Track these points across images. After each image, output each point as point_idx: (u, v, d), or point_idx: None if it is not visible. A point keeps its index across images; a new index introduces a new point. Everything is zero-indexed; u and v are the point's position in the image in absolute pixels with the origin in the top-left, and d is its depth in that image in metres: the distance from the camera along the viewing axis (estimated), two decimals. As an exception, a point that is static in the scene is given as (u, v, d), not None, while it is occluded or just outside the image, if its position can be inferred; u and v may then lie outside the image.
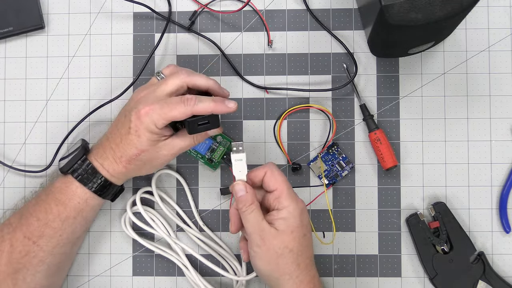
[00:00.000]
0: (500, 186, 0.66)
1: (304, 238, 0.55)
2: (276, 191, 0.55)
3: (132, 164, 0.57)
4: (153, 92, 0.55)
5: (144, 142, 0.55)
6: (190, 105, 0.53)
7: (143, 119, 0.54)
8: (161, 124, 0.54)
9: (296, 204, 0.55)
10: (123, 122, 0.56)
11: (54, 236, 0.57)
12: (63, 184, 0.58)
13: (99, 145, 0.59)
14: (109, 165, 0.57)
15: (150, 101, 0.54)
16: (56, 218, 0.57)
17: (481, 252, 0.64)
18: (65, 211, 0.57)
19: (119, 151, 0.56)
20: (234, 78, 0.67)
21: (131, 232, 0.64)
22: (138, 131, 0.54)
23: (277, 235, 0.54)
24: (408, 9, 0.52)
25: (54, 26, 0.68)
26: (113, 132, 0.57)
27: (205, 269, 0.66)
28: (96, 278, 0.67)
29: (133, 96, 0.58)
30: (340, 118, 0.66)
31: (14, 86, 0.68)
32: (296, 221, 0.54)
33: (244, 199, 0.55)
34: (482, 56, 0.66)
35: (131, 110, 0.55)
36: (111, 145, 0.57)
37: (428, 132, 0.66)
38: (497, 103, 0.66)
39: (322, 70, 0.67)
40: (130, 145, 0.55)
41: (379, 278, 0.65)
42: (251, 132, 0.67)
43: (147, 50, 0.68)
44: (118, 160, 0.57)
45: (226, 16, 0.67)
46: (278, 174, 0.56)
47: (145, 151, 0.55)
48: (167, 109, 0.53)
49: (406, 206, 0.66)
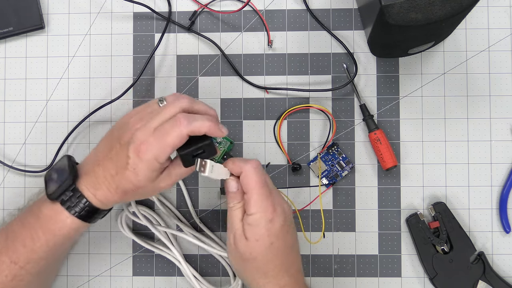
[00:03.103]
0: (500, 186, 0.66)
1: (271, 247, 0.52)
2: (246, 195, 0.53)
3: (128, 196, 0.53)
4: (149, 122, 0.51)
5: (142, 180, 0.51)
6: (183, 125, 0.49)
7: (142, 156, 0.49)
8: (163, 158, 0.50)
9: (263, 213, 0.52)
10: (119, 152, 0.51)
11: (41, 261, 0.54)
12: (52, 212, 0.53)
13: (90, 171, 0.53)
14: (102, 195, 0.52)
15: (147, 133, 0.50)
16: (44, 246, 0.53)
17: (481, 252, 0.64)
18: (54, 239, 0.53)
19: (114, 183, 0.51)
20: (234, 78, 0.67)
21: (127, 231, 0.64)
22: (136, 169, 0.50)
23: (244, 240, 0.52)
24: (408, 9, 0.52)
25: (54, 26, 0.68)
26: (106, 161, 0.52)
27: (204, 270, 0.66)
28: (96, 278, 0.67)
29: (128, 121, 0.52)
30: (340, 118, 0.66)
31: (14, 86, 0.68)
32: (261, 230, 0.52)
33: (233, 196, 0.54)
34: (482, 56, 0.66)
35: (127, 143, 0.50)
36: (105, 174, 0.52)
37: (428, 132, 0.66)
38: (497, 103, 0.66)
39: (322, 70, 0.67)
40: (127, 181, 0.51)
41: (379, 278, 0.65)
42: (251, 132, 0.67)
43: (147, 50, 0.68)
44: (114, 191, 0.52)
45: (226, 16, 0.67)
46: (251, 178, 0.52)
47: (142, 188, 0.51)
48: (162, 139, 0.49)
49: (406, 206, 0.66)
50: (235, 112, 0.67)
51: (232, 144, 0.66)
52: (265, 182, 0.53)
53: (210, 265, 0.66)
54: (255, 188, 0.52)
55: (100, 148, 0.54)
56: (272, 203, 0.52)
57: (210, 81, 0.67)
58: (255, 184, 0.52)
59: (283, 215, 0.53)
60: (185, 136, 0.50)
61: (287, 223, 0.53)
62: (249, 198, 0.52)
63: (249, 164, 0.53)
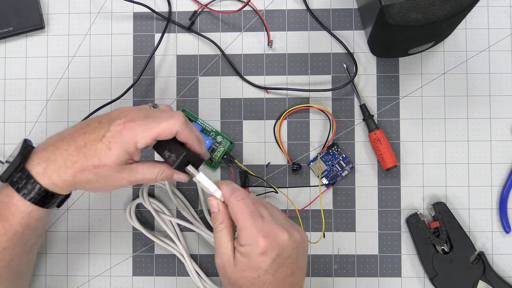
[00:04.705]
0: (500, 186, 0.66)
1: (256, 280, 0.49)
2: (237, 227, 0.50)
3: (84, 175, 0.49)
4: (143, 111, 0.51)
5: (112, 157, 0.48)
6: (180, 120, 0.49)
7: (124, 132, 0.48)
8: (143, 143, 0.49)
9: (254, 246, 0.48)
10: (95, 127, 0.49)
11: (5, 251, 0.52)
12: (6, 197, 0.51)
13: (47, 144, 0.51)
14: (53, 170, 0.49)
15: (139, 116, 0.49)
16: (3, 235, 0.51)
17: (481, 252, 0.64)
18: (11, 228, 0.51)
19: (76, 156, 0.49)
20: (234, 78, 0.67)
21: (135, 222, 0.64)
22: (111, 143, 0.48)
23: (232, 267, 0.50)
24: (408, 9, 0.52)
25: (54, 26, 0.68)
26: (75, 134, 0.50)
27: (204, 270, 0.66)
28: (96, 278, 0.67)
29: (118, 108, 0.52)
30: (340, 118, 0.66)
31: (14, 86, 0.68)
32: (250, 262, 0.48)
33: (215, 216, 0.51)
34: (482, 56, 0.66)
35: (112, 119, 0.49)
36: (67, 147, 0.49)
37: (428, 132, 0.66)
38: (497, 103, 0.66)
39: (322, 70, 0.67)
40: (95, 153, 0.48)
41: (379, 278, 0.65)
42: (251, 132, 0.67)
43: (147, 50, 0.68)
44: (70, 165, 0.49)
45: (226, 16, 0.67)
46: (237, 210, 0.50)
47: (106, 167, 0.49)
48: (153, 124, 0.48)
49: (406, 206, 0.66)
50: (235, 112, 0.67)
51: (232, 144, 0.66)
52: (255, 213, 0.50)
53: (210, 265, 0.66)
54: (242, 219, 0.49)
55: (71, 128, 0.52)
56: (266, 233, 0.48)
57: (210, 81, 0.67)
58: (242, 214, 0.49)
59: (279, 248, 0.49)
60: (175, 132, 0.49)
61: (282, 257, 0.49)
62: (239, 229, 0.50)
63: (234, 195, 0.50)
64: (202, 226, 0.65)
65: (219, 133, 0.66)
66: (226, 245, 0.50)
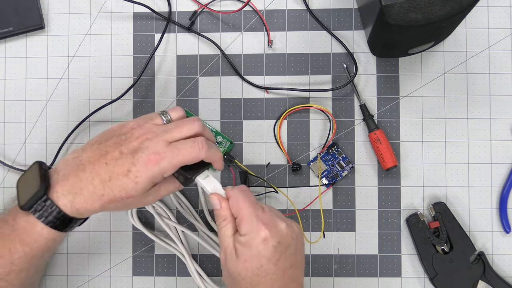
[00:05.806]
0: (500, 186, 0.66)
1: (260, 269, 0.49)
2: (238, 218, 0.51)
3: (111, 205, 0.50)
4: (163, 135, 0.50)
5: (139, 190, 0.49)
6: (204, 150, 0.50)
7: (151, 167, 0.48)
8: (169, 173, 0.50)
9: (255, 233, 0.49)
10: (117, 159, 0.49)
11: (21, 272, 0.52)
12: (27, 224, 0.50)
13: (71, 176, 0.49)
14: (80, 203, 0.49)
15: (162, 145, 0.49)
16: (22, 258, 0.51)
17: (481, 252, 0.64)
18: (32, 251, 0.51)
19: (102, 189, 0.49)
20: (234, 78, 0.67)
21: (137, 223, 0.64)
22: (138, 178, 0.48)
23: (234, 260, 0.50)
24: (408, 9, 0.52)
25: (54, 26, 0.68)
26: (96, 164, 0.49)
27: (204, 270, 0.66)
28: (96, 278, 0.67)
29: (129, 130, 0.51)
30: (340, 118, 0.66)
31: (14, 86, 0.68)
32: (252, 251, 0.49)
33: (218, 213, 0.52)
34: (482, 56, 0.66)
35: (135, 151, 0.49)
36: (92, 180, 0.49)
37: (428, 132, 0.66)
38: (497, 103, 0.66)
39: (322, 70, 0.67)
40: (121, 187, 0.49)
41: (379, 278, 0.65)
42: (251, 132, 0.67)
43: (147, 50, 0.68)
44: (97, 198, 0.49)
45: (226, 16, 0.67)
46: (238, 199, 0.51)
47: (134, 197, 0.49)
48: (179, 156, 0.49)
49: (406, 206, 0.66)
50: (235, 112, 0.67)
51: (232, 144, 0.66)
52: (256, 203, 0.52)
53: (210, 265, 0.66)
54: (243, 208, 0.51)
55: (88, 153, 0.50)
56: (266, 222, 0.50)
57: (210, 81, 0.67)
58: (243, 203, 0.51)
59: (279, 236, 0.50)
60: (200, 159, 0.50)
61: (283, 245, 0.50)
62: (240, 219, 0.51)
63: (236, 188, 0.53)
64: (203, 226, 0.65)
65: (219, 133, 0.66)
66: (228, 240, 0.51)
